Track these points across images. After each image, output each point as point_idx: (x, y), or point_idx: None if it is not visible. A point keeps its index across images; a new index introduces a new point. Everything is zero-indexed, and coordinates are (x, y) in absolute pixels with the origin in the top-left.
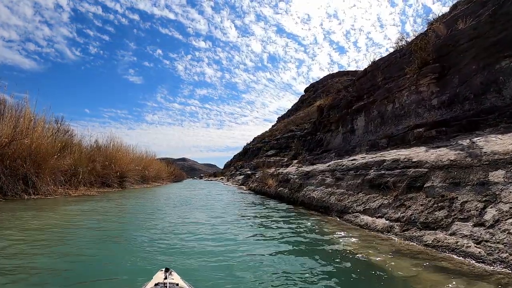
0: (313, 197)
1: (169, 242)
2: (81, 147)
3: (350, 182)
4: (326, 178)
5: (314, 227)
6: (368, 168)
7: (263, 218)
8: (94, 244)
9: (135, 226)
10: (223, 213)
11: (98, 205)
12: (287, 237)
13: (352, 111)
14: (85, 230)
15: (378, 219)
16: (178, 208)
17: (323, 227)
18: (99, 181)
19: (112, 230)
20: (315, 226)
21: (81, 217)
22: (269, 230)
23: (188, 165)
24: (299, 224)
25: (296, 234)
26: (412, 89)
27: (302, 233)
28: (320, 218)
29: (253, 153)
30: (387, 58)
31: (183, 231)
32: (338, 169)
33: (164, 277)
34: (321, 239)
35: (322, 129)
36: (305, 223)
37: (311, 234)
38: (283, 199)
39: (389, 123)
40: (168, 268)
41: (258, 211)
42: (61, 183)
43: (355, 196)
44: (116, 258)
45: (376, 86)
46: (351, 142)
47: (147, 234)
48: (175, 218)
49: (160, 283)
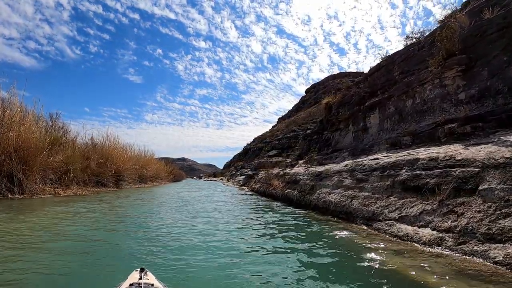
0: (329, 201)
1: (167, 264)
2: (75, 144)
3: (377, 184)
4: (344, 180)
5: (340, 239)
6: (397, 168)
7: (275, 226)
8: (67, 257)
9: (121, 235)
10: (228, 219)
11: (87, 207)
12: (311, 253)
13: (365, 108)
14: (61, 238)
15: (421, 229)
16: (177, 212)
17: (352, 239)
18: (94, 180)
19: (93, 241)
20: (341, 237)
21: (62, 221)
22: (287, 243)
23: (188, 165)
24: (320, 234)
25: (320, 248)
26: (436, 83)
27: (328, 247)
28: (342, 226)
29: (254, 153)
30: (403, 51)
31: (184, 246)
32: (358, 169)
33: (139, 277)
34: (355, 255)
35: (330, 128)
36: (327, 233)
37: (340, 249)
38: (291, 202)
39: (409, 120)
40: (143, 268)
41: (267, 217)
42: (51, 182)
43: (384, 201)
44: (87, 276)
45: (392, 81)
46: (364, 141)
47: (135, 249)
48: (173, 226)
49: (135, 283)
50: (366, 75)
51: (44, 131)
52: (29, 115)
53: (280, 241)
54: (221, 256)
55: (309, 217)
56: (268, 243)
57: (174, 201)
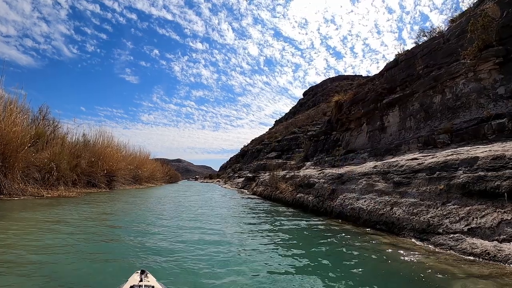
0: (360, 208)
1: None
2: (64, 140)
3: (424, 189)
4: (376, 183)
5: (394, 259)
6: (450, 169)
7: (299, 243)
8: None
9: (101, 258)
10: (236, 228)
11: (69, 212)
12: (363, 283)
13: (383, 106)
14: (30, 251)
15: (505, 244)
16: (172, 221)
17: (412, 260)
18: (84, 180)
19: (48, 264)
20: (393, 257)
21: (25, 231)
22: (324, 269)
23: (183, 166)
24: (364, 253)
25: (373, 274)
26: (470, 76)
27: (384, 273)
28: (387, 240)
29: (253, 155)
30: (426, 45)
31: (192, 268)
32: (393, 171)
33: (139, 279)
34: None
35: (340, 128)
36: (372, 250)
37: (404, 277)
38: (305, 208)
39: (438, 117)
40: (144, 270)
41: (284, 229)
42: (35, 181)
43: (440, 209)
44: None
45: (413, 76)
46: (382, 141)
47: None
48: (175, 241)
49: (136, 286)
50: (381, 71)
51: (25, 124)
52: (12, 106)
53: (313, 264)
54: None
55: (336, 227)
56: (298, 267)
57: (173, 206)
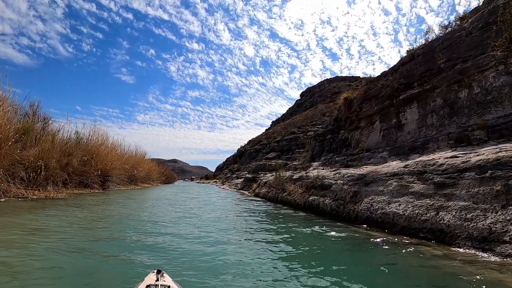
0: (395, 214)
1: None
2: (55, 137)
3: (476, 190)
4: (411, 184)
5: (465, 281)
6: (505, 167)
7: (325, 257)
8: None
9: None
10: (247, 237)
11: (51, 218)
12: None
13: (399, 102)
14: None
15: None
16: (177, 228)
17: (487, 277)
18: (76, 180)
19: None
20: (456, 276)
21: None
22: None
23: (179, 166)
24: (423, 273)
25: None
26: (501, 69)
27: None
28: (440, 252)
29: (251, 155)
30: (446, 37)
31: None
32: (430, 171)
33: (155, 279)
34: None
35: (348, 127)
36: (431, 269)
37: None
38: (321, 212)
39: (466, 113)
40: (160, 270)
41: (302, 238)
42: (21, 181)
43: (501, 213)
44: None
45: (433, 70)
46: (398, 140)
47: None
48: (179, 257)
49: (152, 285)
50: (395, 66)
51: (11, 116)
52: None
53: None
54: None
55: (366, 235)
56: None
57: (173, 210)
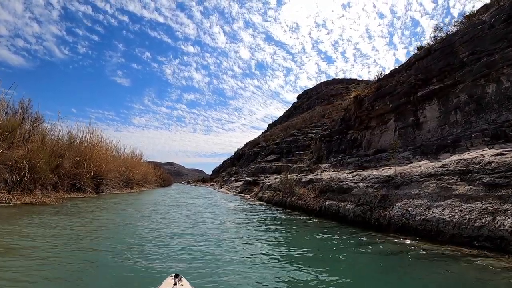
0: (439, 220)
1: None
2: (45, 137)
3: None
4: (453, 186)
5: None
6: None
7: (367, 280)
8: None
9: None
10: (267, 259)
11: (30, 230)
12: None
13: (417, 99)
14: None
15: None
16: (179, 240)
17: None
18: (68, 183)
19: None
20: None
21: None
22: None
23: (175, 169)
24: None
25: None
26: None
27: None
28: (508, 264)
29: (249, 158)
30: (466, 31)
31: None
32: (475, 170)
33: (173, 283)
34: None
35: (358, 126)
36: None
37: None
38: (342, 219)
39: (495, 109)
40: (178, 274)
41: (343, 255)
42: (5, 184)
43: None
44: None
45: (454, 65)
46: (417, 139)
47: None
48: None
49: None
50: (410, 61)
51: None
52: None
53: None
54: None
55: (410, 247)
56: None
57: (173, 217)
